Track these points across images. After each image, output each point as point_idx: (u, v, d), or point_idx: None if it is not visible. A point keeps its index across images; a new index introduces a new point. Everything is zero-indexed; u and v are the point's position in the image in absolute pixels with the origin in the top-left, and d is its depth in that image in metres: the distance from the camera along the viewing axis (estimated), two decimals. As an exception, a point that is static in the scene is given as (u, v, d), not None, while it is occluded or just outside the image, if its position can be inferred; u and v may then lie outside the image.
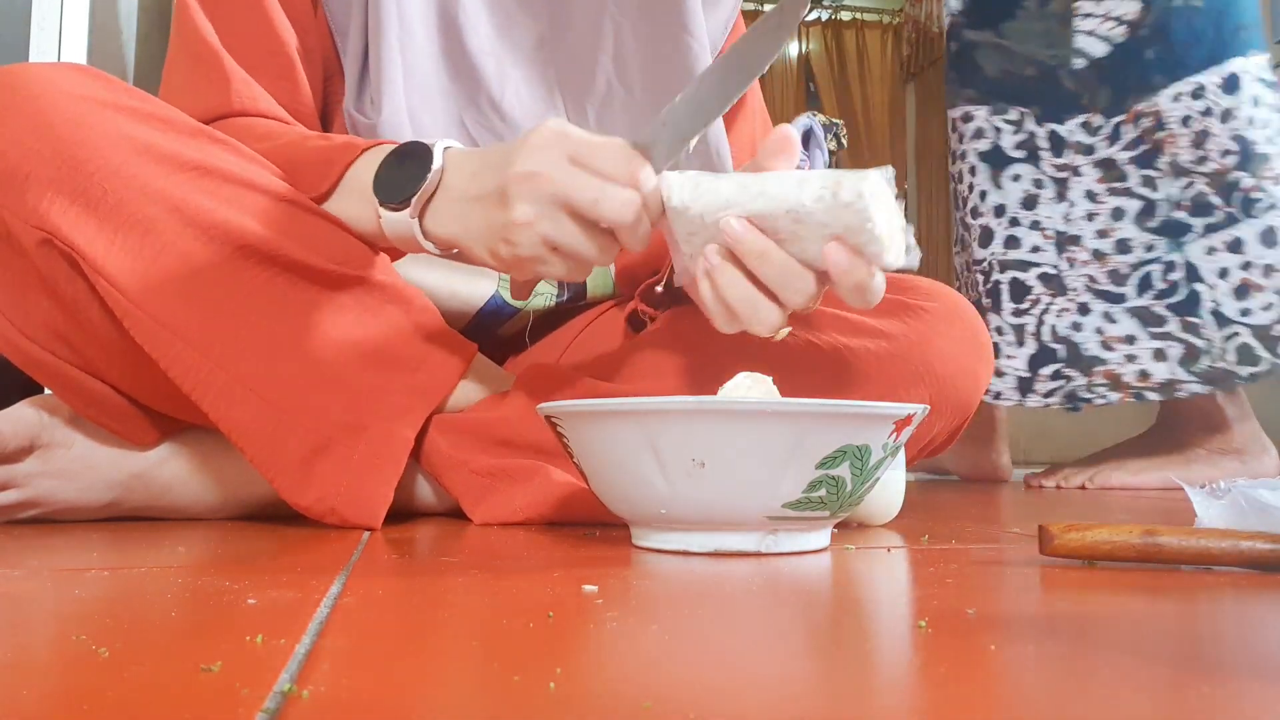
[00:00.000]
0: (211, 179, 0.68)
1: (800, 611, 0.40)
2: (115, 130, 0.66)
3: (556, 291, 0.91)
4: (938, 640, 0.33)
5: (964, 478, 1.69)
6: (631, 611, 0.38)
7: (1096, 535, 0.50)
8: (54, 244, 0.65)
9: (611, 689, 0.27)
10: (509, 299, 0.89)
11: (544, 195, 0.61)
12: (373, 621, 0.37)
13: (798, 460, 0.52)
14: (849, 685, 0.28)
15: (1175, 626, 0.38)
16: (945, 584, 0.46)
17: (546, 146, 0.62)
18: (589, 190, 0.61)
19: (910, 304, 0.78)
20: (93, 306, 0.67)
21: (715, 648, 0.33)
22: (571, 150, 0.62)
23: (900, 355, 0.76)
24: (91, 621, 0.36)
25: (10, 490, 0.71)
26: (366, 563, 0.52)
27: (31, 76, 0.67)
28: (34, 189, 0.65)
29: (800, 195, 0.57)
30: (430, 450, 0.75)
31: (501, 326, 0.91)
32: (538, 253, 0.63)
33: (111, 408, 0.72)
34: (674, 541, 0.56)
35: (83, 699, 0.25)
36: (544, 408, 0.58)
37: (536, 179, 0.62)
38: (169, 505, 0.75)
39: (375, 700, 0.25)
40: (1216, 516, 0.54)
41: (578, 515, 0.72)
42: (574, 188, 0.61)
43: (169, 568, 0.50)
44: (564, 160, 0.62)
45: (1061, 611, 0.40)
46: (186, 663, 0.29)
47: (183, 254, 0.66)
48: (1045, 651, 0.32)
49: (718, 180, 0.61)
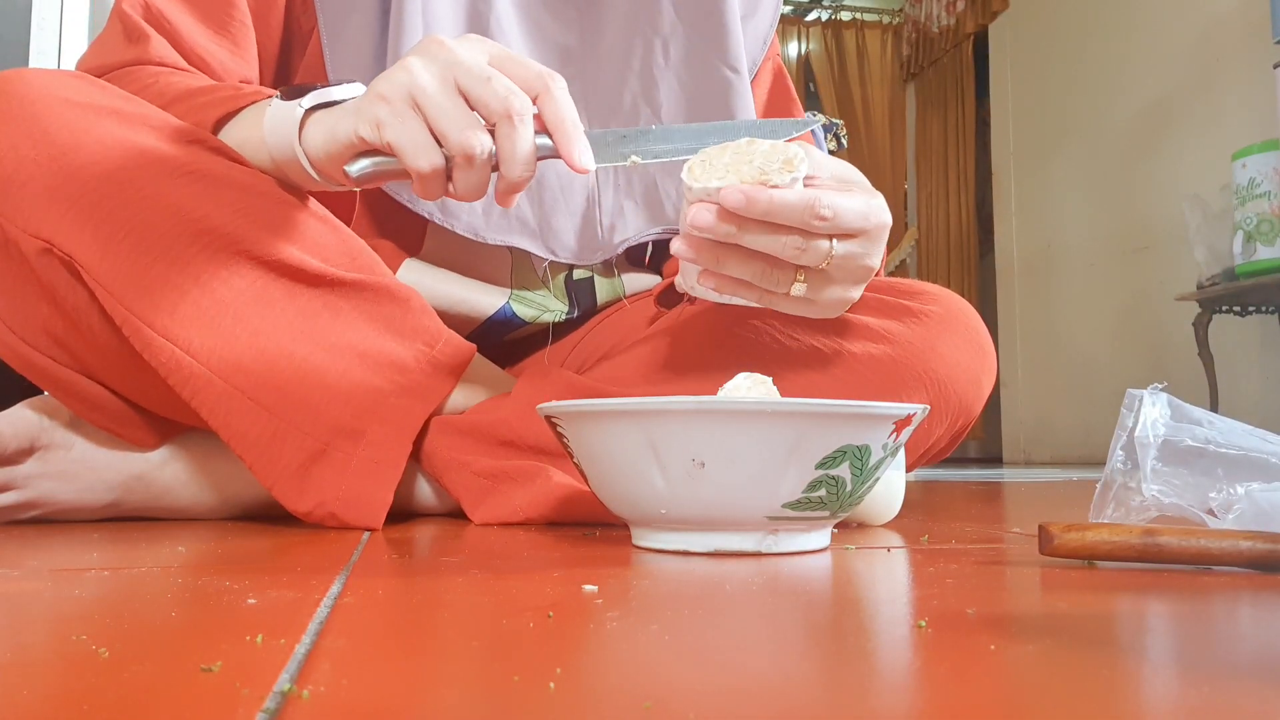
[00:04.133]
0: (206, 182, 0.68)
1: (800, 611, 0.40)
2: (111, 136, 0.66)
3: (567, 308, 0.91)
4: (938, 640, 0.33)
5: None
6: (631, 611, 0.38)
7: (1096, 535, 0.50)
8: (53, 252, 0.65)
9: (611, 689, 0.27)
10: (519, 312, 0.89)
11: (440, 57, 0.59)
12: (373, 621, 0.37)
13: (798, 460, 0.52)
14: (849, 685, 0.28)
15: (1175, 626, 0.38)
16: (945, 584, 0.46)
17: (472, 40, 0.61)
18: (484, 70, 0.59)
19: (912, 307, 0.78)
20: (93, 313, 0.67)
21: (715, 648, 0.33)
22: (493, 49, 0.60)
23: (901, 358, 0.76)
24: (91, 621, 0.36)
25: (10, 491, 0.71)
26: (366, 563, 0.52)
27: (28, 82, 0.67)
28: (31, 196, 0.65)
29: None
30: (431, 451, 0.75)
31: (508, 335, 0.91)
32: (401, 102, 0.58)
33: (111, 411, 0.72)
34: (674, 541, 0.56)
35: (83, 699, 0.25)
36: (544, 408, 0.58)
37: (442, 46, 0.60)
38: (168, 506, 0.75)
39: (375, 700, 0.25)
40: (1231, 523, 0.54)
41: (578, 515, 0.72)
42: (473, 61, 0.59)
43: (169, 568, 0.50)
44: (479, 48, 0.60)
45: (1061, 611, 0.40)
46: (186, 663, 0.28)
47: (179, 259, 0.66)
48: (1045, 651, 0.32)
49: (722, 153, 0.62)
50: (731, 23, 0.89)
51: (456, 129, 0.58)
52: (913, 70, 5.05)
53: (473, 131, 0.59)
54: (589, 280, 0.92)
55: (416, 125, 0.59)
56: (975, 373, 0.79)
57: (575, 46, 0.88)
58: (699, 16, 0.89)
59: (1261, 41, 2.64)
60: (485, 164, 0.60)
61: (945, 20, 4.72)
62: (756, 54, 0.96)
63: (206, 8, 0.79)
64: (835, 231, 0.62)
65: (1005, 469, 2.98)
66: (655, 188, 0.90)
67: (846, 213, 0.61)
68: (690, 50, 0.89)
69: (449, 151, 0.59)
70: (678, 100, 0.89)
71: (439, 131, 0.59)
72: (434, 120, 0.59)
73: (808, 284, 0.64)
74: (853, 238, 0.64)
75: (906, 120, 5.15)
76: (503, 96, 0.58)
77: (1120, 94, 3.44)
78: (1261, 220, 2.38)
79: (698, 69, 0.89)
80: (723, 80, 0.89)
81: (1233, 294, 2.56)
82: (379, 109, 0.59)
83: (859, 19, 5.20)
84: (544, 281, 0.90)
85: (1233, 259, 2.48)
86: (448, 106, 0.58)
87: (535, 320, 0.90)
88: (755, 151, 0.61)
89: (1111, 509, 0.59)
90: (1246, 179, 2.42)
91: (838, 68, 5.11)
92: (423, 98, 0.58)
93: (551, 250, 0.87)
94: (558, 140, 0.60)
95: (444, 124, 0.58)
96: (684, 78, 0.89)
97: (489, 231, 0.84)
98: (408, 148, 0.59)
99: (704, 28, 0.89)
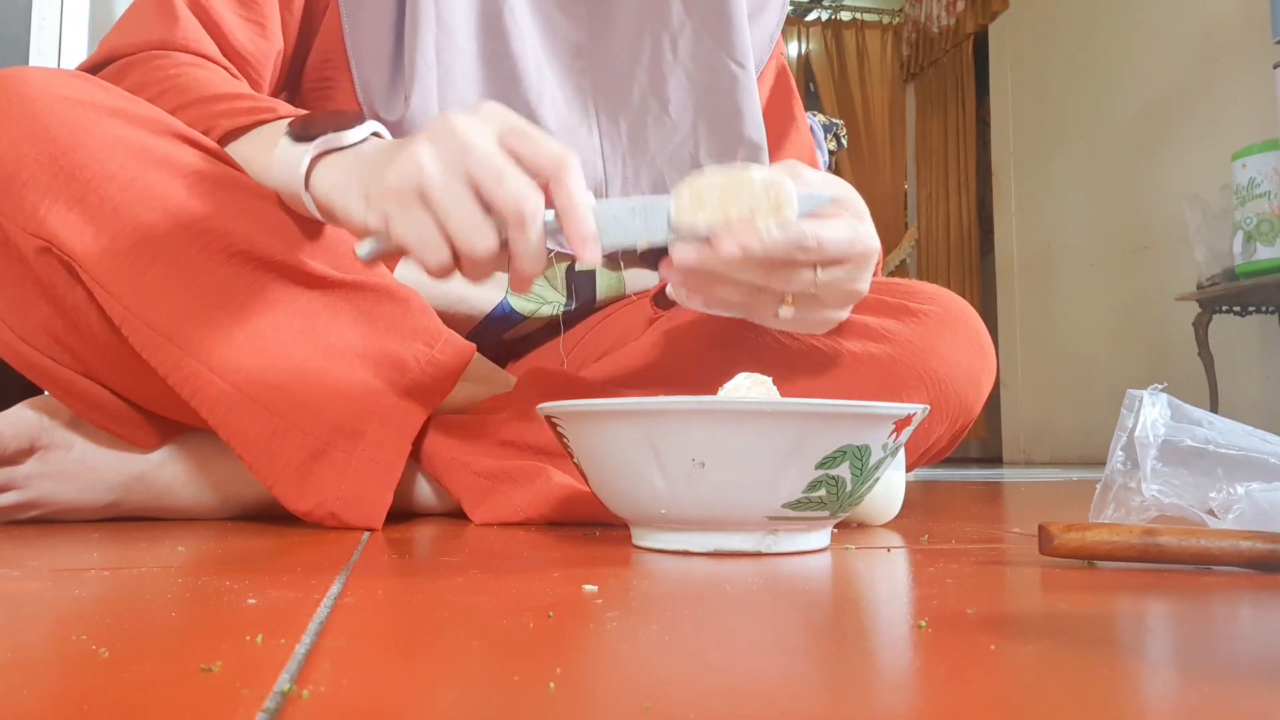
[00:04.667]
0: (207, 183, 0.68)
1: (800, 611, 0.40)
2: (111, 135, 0.66)
3: (565, 300, 0.91)
4: (938, 640, 0.33)
5: None
6: (631, 611, 0.38)
7: (1096, 535, 0.50)
8: (52, 251, 0.65)
9: (611, 689, 0.27)
10: (516, 306, 0.89)
11: (451, 145, 0.57)
12: (373, 621, 0.37)
13: (798, 460, 0.52)
14: (849, 685, 0.28)
15: (1175, 626, 0.38)
16: (945, 584, 0.46)
17: (484, 117, 0.59)
18: (496, 163, 0.57)
19: (911, 307, 0.78)
20: (92, 313, 0.67)
21: (715, 648, 0.33)
22: (507, 127, 0.58)
23: (901, 358, 0.76)
24: (91, 621, 0.36)
25: (10, 492, 0.71)
26: (366, 563, 0.52)
27: (28, 81, 0.67)
28: (31, 195, 0.65)
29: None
30: (431, 451, 0.75)
31: (507, 332, 0.91)
32: (410, 198, 0.57)
33: (111, 411, 0.72)
34: (674, 541, 0.56)
35: (83, 699, 0.25)
36: (544, 408, 0.58)
37: (452, 133, 0.57)
38: (168, 506, 0.75)
39: (375, 700, 0.25)
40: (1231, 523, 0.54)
41: (578, 515, 0.72)
42: (486, 154, 0.56)
43: (169, 568, 0.50)
44: (491, 131, 0.58)
45: (1061, 611, 0.40)
46: (186, 663, 0.28)
47: (179, 260, 0.66)
48: (1045, 651, 0.32)
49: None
50: (739, 19, 0.90)
51: (464, 233, 0.57)
52: (913, 70, 5.05)
53: (479, 235, 0.57)
54: (591, 273, 0.92)
55: (425, 223, 0.57)
56: (975, 372, 0.79)
57: (585, 42, 0.88)
58: (707, 12, 0.89)
59: (1261, 41, 2.64)
60: (492, 259, 0.59)
61: (945, 20, 4.72)
62: (763, 52, 0.96)
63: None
64: (821, 260, 0.62)
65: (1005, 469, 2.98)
66: (664, 182, 0.90)
67: (831, 243, 0.62)
68: (698, 45, 0.89)
69: (457, 249, 0.58)
70: (686, 94, 0.89)
71: (447, 230, 0.57)
72: (442, 217, 0.57)
73: (795, 306, 0.65)
74: (839, 265, 0.64)
75: (906, 120, 5.15)
76: (515, 200, 0.56)
77: (1120, 94, 3.44)
78: (1261, 220, 2.38)
79: (706, 64, 0.89)
80: (730, 75, 0.89)
81: (1233, 294, 2.56)
82: (388, 204, 0.58)
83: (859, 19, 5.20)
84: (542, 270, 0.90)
85: (1233, 259, 2.48)
86: (455, 208, 0.57)
87: (533, 314, 0.90)
88: (746, 185, 0.59)
89: (1112, 509, 0.59)
90: (1246, 179, 2.42)
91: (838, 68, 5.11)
92: (431, 195, 0.57)
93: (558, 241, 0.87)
94: (568, 229, 0.58)
95: (452, 226, 0.57)
96: (692, 72, 0.89)
97: None
98: (415, 245, 0.58)
99: (712, 23, 0.89)
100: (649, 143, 0.89)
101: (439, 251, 0.58)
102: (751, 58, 0.91)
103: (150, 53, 0.75)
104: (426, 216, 0.57)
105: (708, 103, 0.89)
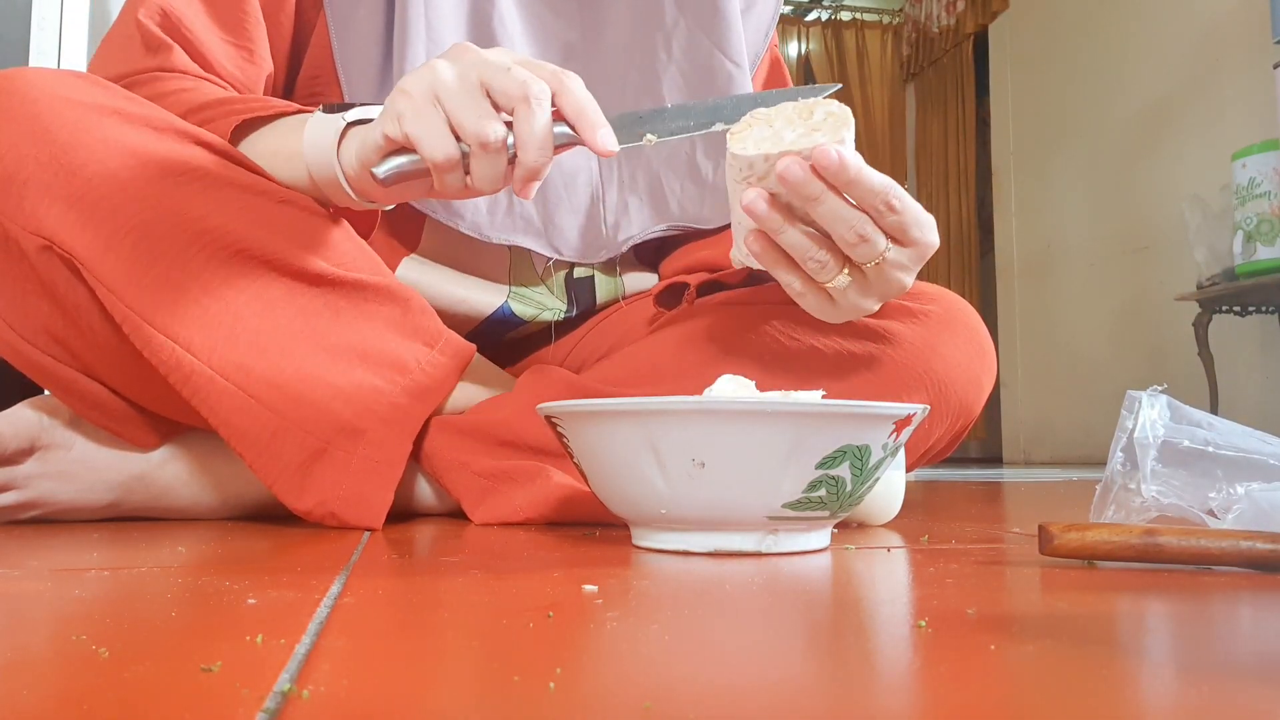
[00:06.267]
0: (207, 182, 0.68)
1: (800, 611, 0.40)
2: (112, 135, 0.66)
3: (566, 307, 0.91)
4: (938, 640, 0.33)
5: None
6: (631, 611, 0.38)
7: (1096, 535, 0.50)
8: (53, 250, 0.65)
9: (611, 689, 0.27)
10: (517, 311, 0.89)
11: (464, 57, 0.62)
12: (373, 621, 0.37)
13: (798, 460, 0.52)
14: (849, 685, 0.28)
15: (1175, 626, 0.38)
16: (945, 584, 0.46)
17: (498, 50, 0.63)
18: (505, 62, 0.61)
19: (911, 307, 0.78)
20: (93, 311, 0.67)
21: (715, 648, 0.33)
22: (518, 56, 0.63)
23: (901, 358, 0.76)
24: (91, 621, 0.36)
25: (10, 491, 0.71)
26: (366, 563, 0.52)
27: (29, 81, 0.67)
28: (32, 194, 0.65)
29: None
30: (431, 451, 0.75)
31: (507, 334, 0.91)
32: (424, 99, 0.61)
33: (111, 410, 0.72)
34: (674, 541, 0.56)
35: (83, 699, 0.25)
36: (544, 408, 0.58)
37: (467, 49, 0.62)
38: (169, 506, 0.75)
39: (375, 700, 0.25)
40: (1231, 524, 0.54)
41: (578, 516, 0.72)
42: (496, 58, 0.61)
43: (169, 568, 0.50)
44: (505, 54, 0.62)
45: (1061, 611, 0.40)
46: (186, 663, 0.28)
47: (180, 258, 0.66)
48: (1045, 651, 0.32)
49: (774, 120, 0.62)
50: (732, 16, 0.89)
51: (473, 118, 0.60)
52: (913, 70, 5.05)
53: (488, 120, 0.61)
54: (589, 279, 0.92)
55: (435, 117, 0.61)
56: (975, 372, 0.79)
57: (577, 42, 0.88)
58: (700, 10, 0.89)
59: (1261, 41, 2.64)
60: (501, 153, 0.62)
61: (945, 20, 4.72)
62: (758, 47, 0.96)
63: (222, 12, 0.78)
64: (897, 229, 0.62)
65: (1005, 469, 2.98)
66: (660, 184, 0.90)
67: (912, 208, 0.62)
68: (692, 44, 0.89)
69: (466, 140, 0.61)
70: (680, 94, 0.89)
71: (456, 123, 0.61)
72: (451, 113, 0.61)
73: (851, 278, 0.65)
74: (906, 246, 0.64)
75: (906, 120, 5.15)
76: (521, 81, 0.60)
77: (1120, 94, 3.44)
78: (1261, 220, 2.38)
79: (700, 62, 0.89)
80: (725, 74, 0.89)
81: (1233, 294, 2.56)
82: (400, 103, 0.61)
83: (859, 19, 5.20)
84: (542, 278, 0.90)
85: (1233, 259, 2.48)
86: (465, 99, 0.61)
87: (534, 319, 0.90)
88: (801, 112, 0.61)
89: (1112, 511, 0.59)
90: (1246, 179, 2.42)
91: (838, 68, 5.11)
92: (443, 92, 0.61)
93: (556, 249, 0.87)
94: (579, 126, 0.62)
95: (460, 115, 0.60)
96: (686, 71, 0.89)
97: (493, 230, 0.84)
98: (424, 138, 0.61)
99: (705, 21, 0.89)
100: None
101: (447, 144, 0.61)
102: (746, 55, 0.91)
103: (153, 73, 0.76)
104: (437, 111, 0.61)
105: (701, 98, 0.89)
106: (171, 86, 0.74)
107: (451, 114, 0.61)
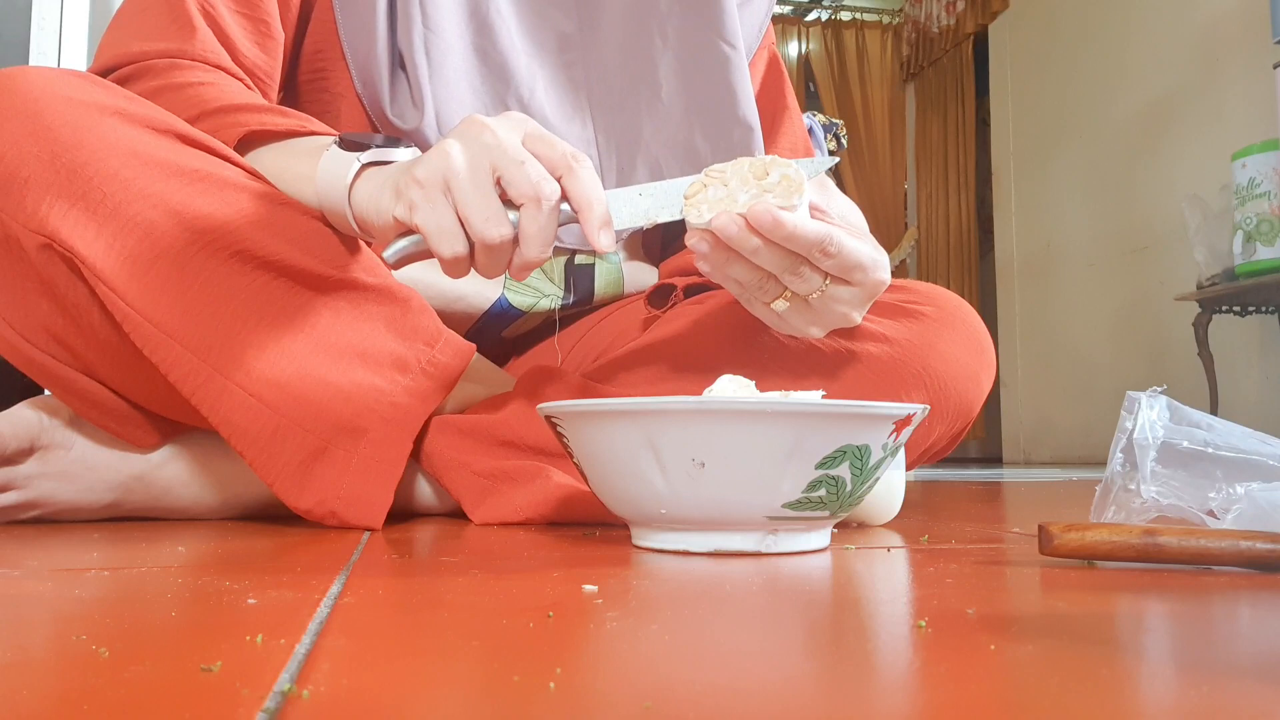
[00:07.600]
0: (207, 183, 0.68)
1: (800, 611, 0.40)
2: (113, 134, 0.66)
3: (563, 294, 0.91)
4: (938, 640, 0.33)
5: None
6: (631, 611, 0.38)
7: (1096, 535, 0.50)
8: (54, 248, 0.65)
9: (611, 689, 0.27)
10: (514, 301, 0.89)
11: (478, 140, 0.62)
12: (373, 621, 0.37)
13: (798, 460, 0.52)
14: (849, 685, 0.28)
15: (1175, 626, 0.38)
16: (945, 584, 0.46)
17: (511, 122, 0.64)
18: (519, 153, 0.61)
19: (910, 307, 0.78)
20: (93, 310, 0.67)
21: (715, 647, 0.33)
22: (530, 131, 0.63)
23: (900, 358, 0.76)
24: (91, 621, 0.36)
25: (10, 491, 0.71)
26: (366, 563, 0.52)
27: (30, 80, 0.67)
28: (33, 193, 0.65)
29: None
30: (431, 451, 0.75)
31: (506, 329, 0.91)
32: (435, 188, 0.61)
33: (111, 410, 0.72)
34: (674, 541, 0.56)
35: (83, 699, 0.25)
36: (544, 408, 0.58)
37: (482, 130, 0.62)
38: (169, 506, 0.75)
39: (375, 700, 0.25)
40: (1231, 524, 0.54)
41: (578, 515, 0.72)
42: (510, 147, 0.61)
43: (169, 568, 0.50)
44: (516, 128, 0.63)
45: (1061, 611, 0.40)
46: (186, 663, 0.28)
47: (180, 258, 0.66)
48: (1045, 651, 0.32)
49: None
50: (727, 1, 0.90)
51: (480, 219, 0.61)
52: (912, 70, 5.05)
53: (494, 224, 0.61)
54: (590, 266, 0.92)
55: (445, 211, 0.61)
56: (974, 371, 0.79)
57: (574, 32, 0.88)
58: None
59: (1261, 41, 2.64)
60: (505, 250, 0.63)
61: (945, 20, 4.72)
62: (753, 40, 0.96)
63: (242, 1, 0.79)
64: (838, 270, 0.64)
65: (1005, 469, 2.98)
66: (660, 170, 0.90)
67: (850, 254, 0.64)
68: (687, 28, 0.89)
69: (471, 236, 0.62)
70: (678, 79, 0.89)
71: (463, 216, 0.61)
72: (460, 205, 0.61)
73: (790, 304, 0.66)
74: (846, 284, 0.66)
75: (906, 120, 5.15)
76: (534, 181, 0.61)
77: (1120, 94, 3.44)
78: (1261, 220, 2.38)
79: (696, 46, 0.89)
80: (721, 56, 0.89)
81: (1233, 294, 2.56)
82: (414, 192, 0.62)
83: (859, 19, 5.20)
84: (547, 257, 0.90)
85: (1232, 259, 2.48)
86: (474, 194, 0.61)
87: (531, 309, 0.90)
88: (755, 170, 0.62)
89: (1112, 511, 0.59)
90: (1246, 179, 2.42)
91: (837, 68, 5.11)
92: (454, 181, 0.61)
93: (573, 234, 0.87)
94: (582, 219, 0.63)
95: (468, 210, 0.61)
96: (683, 56, 0.89)
97: None
98: (433, 232, 0.62)
99: (700, 6, 0.89)
100: (643, 131, 0.89)
101: (454, 241, 0.62)
102: (741, 38, 0.91)
103: (170, 60, 0.76)
104: (447, 204, 0.61)
105: (700, 86, 0.89)
106: (190, 78, 0.74)
107: (460, 207, 0.61)
